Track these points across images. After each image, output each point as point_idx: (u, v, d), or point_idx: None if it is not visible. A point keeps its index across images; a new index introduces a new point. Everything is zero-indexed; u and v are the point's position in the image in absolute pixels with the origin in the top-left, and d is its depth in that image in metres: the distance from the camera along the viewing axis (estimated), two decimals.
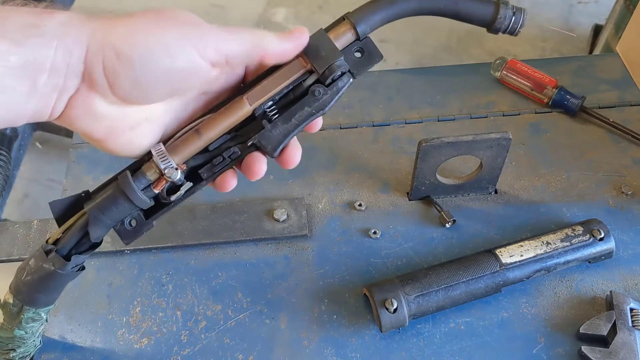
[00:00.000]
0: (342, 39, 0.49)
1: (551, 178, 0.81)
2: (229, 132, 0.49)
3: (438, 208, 0.77)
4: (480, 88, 0.93)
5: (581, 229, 0.70)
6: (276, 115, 0.49)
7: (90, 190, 0.50)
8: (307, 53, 0.48)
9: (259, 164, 0.50)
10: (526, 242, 0.70)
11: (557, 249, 0.69)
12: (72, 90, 0.42)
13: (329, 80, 0.48)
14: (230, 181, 0.51)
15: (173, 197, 0.48)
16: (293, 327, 0.68)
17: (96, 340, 0.68)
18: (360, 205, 0.78)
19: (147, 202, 0.48)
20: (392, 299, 0.64)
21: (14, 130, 1.59)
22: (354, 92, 0.92)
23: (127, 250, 0.74)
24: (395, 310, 0.64)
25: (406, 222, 0.77)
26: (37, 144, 1.68)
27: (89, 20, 0.42)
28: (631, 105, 0.90)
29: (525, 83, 0.90)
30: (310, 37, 0.48)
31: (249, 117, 0.49)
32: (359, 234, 0.76)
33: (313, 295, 0.71)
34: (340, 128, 0.88)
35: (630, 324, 0.64)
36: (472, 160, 0.76)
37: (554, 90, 0.88)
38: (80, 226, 0.49)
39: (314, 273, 0.73)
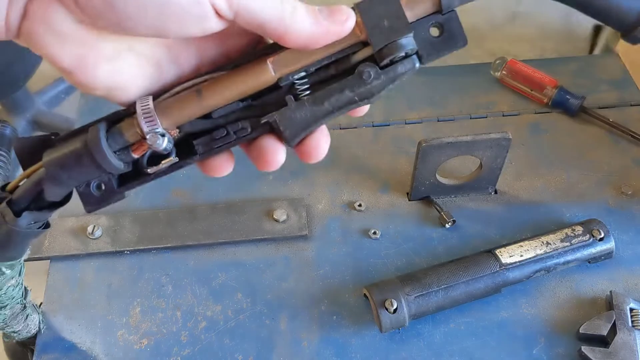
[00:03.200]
0: (418, 7, 0.36)
1: (551, 178, 0.81)
2: (242, 100, 0.37)
3: (438, 208, 0.77)
4: (480, 88, 0.93)
5: (581, 229, 0.70)
6: (306, 92, 0.37)
7: (60, 134, 0.39)
8: (363, 17, 0.35)
9: (275, 152, 0.38)
10: (526, 242, 0.70)
11: (557, 249, 0.69)
12: None
13: (386, 61, 0.36)
14: (224, 165, 0.40)
15: (151, 170, 0.38)
16: (293, 327, 0.68)
17: (96, 341, 0.68)
18: (360, 205, 0.78)
19: (120, 168, 0.37)
20: (392, 299, 0.64)
21: (14, 130, 1.59)
22: None
23: (127, 250, 0.74)
24: (395, 310, 0.64)
25: (406, 222, 0.77)
26: None
27: None
28: (631, 106, 0.90)
29: (525, 83, 0.90)
30: None
31: (271, 86, 0.37)
32: (358, 234, 0.76)
33: (313, 295, 0.71)
34: (340, 128, 0.88)
35: (630, 324, 0.64)
36: (472, 161, 0.76)
37: (554, 90, 0.88)
38: (35, 180, 0.39)
39: (314, 273, 0.73)
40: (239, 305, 0.70)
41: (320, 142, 0.38)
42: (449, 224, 0.75)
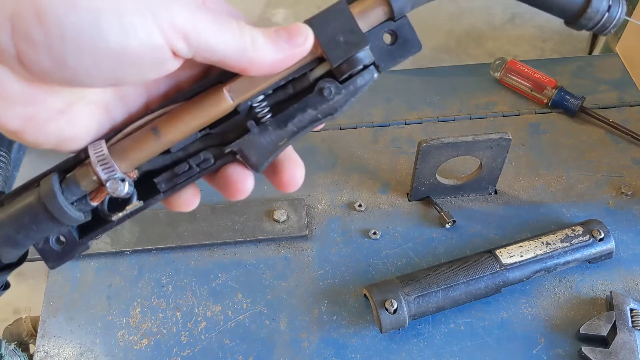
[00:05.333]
0: (370, 16, 0.35)
1: (551, 178, 0.81)
2: (200, 130, 0.36)
3: (438, 208, 0.77)
4: (480, 88, 0.93)
5: (581, 229, 0.70)
6: (267, 116, 0.35)
7: (6, 192, 0.37)
8: (317, 33, 0.34)
9: (243, 180, 0.36)
10: (526, 242, 0.70)
11: (557, 250, 0.69)
12: None
13: (345, 76, 0.35)
14: (190, 200, 0.38)
15: (115, 217, 0.36)
16: (293, 327, 0.68)
17: (96, 342, 0.68)
18: (360, 205, 0.78)
19: (80, 219, 0.35)
20: (392, 300, 0.64)
21: None
22: None
23: (127, 251, 0.74)
24: (395, 310, 0.64)
25: (406, 222, 0.77)
26: None
27: None
28: (631, 106, 0.90)
29: (525, 83, 0.90)
30: (325, 11, 0.34)
31: (230, 112, 0.36)
32: (358, 234, 0.76)
33: (313, 296, 0.71)
34: (340, 129, 0.88)
35: (630, 324, 0.64)
36: (472, 161, 0.76)
37: (553, 90, 0.88)
38: None
39: (314, 274, 0.73)
40: (239, 305, 0.70)
41: (295, 173, 0.37)
42: (449, 224, 0.76)
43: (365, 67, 0.35)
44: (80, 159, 0.35)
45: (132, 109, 0.36)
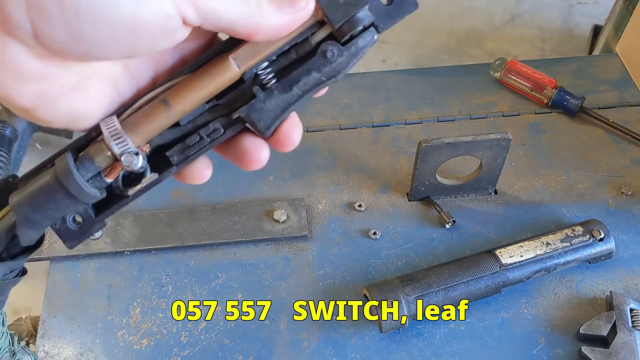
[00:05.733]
0: None
1: (551, 178, 0.81)
2: (207, 102, 0.36)
3: (438, 209, 0.77)
4: (480, 89, 0.93)
5: (581, 229, 0.70)
6: (272, 81, 0.36)
7: (20, 175, 0.37)
8: None
9: (258, 149, 0.37)
10: (526, 242, 0.70)
11: (557, 250, 0.69)
12: None
13: (346, 38, 0.36)
14: (202, 172, 0.38)
15: (131, 191, 0.36)
16: (293, 328, 0.68)
17: (96, 342, 0.68)
18: (360, 205, 0.78)
19: (96, 196, 0.35)
20: (392, 300, 0.64)
21: (14, 131, 1.59)
22: (353, 93, 0.92)
23: (127, 251, 0.74)
24: None
25: (406, 222, 0.77)
26: (37, 145, 1.68)
27: None
28: (631, 106, 0.90)
29: (525, 83, 0.90)
30: None
31: (236, 81, 0.37)
32: (358, 234, 0.76)
33: (313, 296, 0.71)
34: (340, 129, 0.88)
35: (630, 324, 0.64)
36: (472, 161, 0.76)
37: (553, 90, 0.88)
38: (6, 227, 0.36)
39: (314, 274, 0.73)
40: (239, 305, 0.70)
41: (293, 130, 0.37)
42: (449, 224, 0.76)
43: (365, 28, 0.36)
44: (91, 137, 0.35)
45: (141, 84, 0.36)
